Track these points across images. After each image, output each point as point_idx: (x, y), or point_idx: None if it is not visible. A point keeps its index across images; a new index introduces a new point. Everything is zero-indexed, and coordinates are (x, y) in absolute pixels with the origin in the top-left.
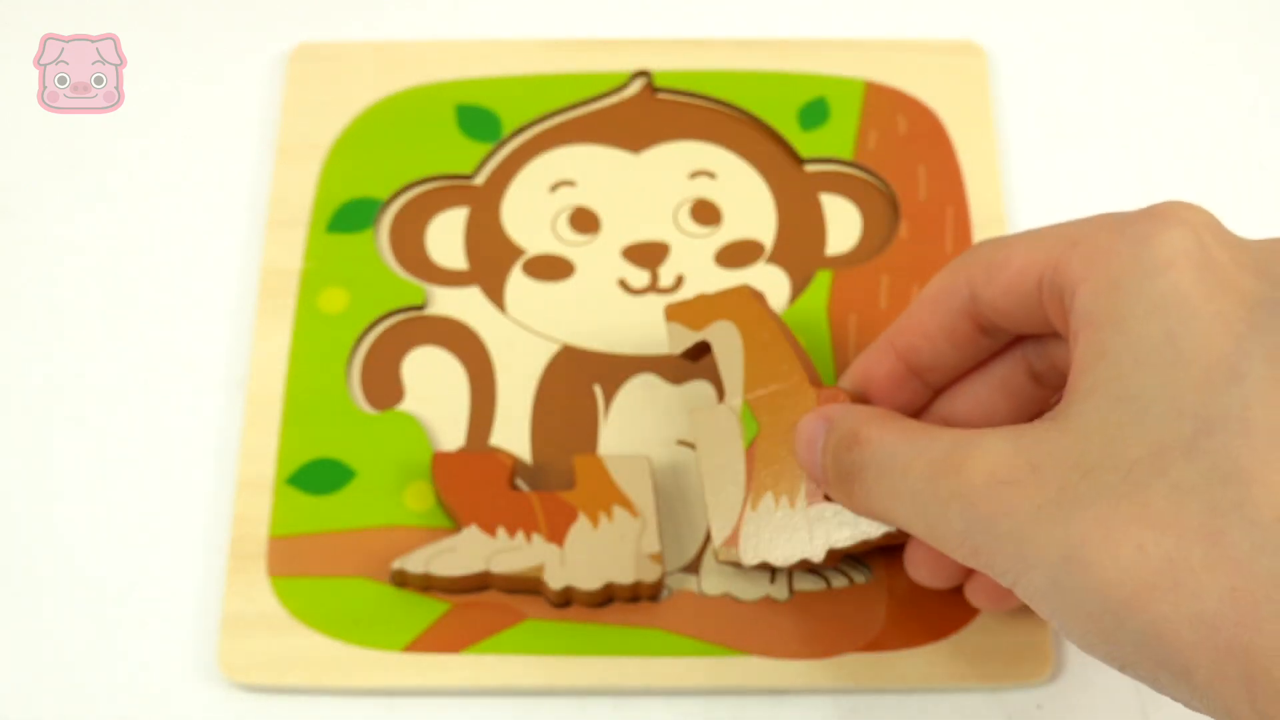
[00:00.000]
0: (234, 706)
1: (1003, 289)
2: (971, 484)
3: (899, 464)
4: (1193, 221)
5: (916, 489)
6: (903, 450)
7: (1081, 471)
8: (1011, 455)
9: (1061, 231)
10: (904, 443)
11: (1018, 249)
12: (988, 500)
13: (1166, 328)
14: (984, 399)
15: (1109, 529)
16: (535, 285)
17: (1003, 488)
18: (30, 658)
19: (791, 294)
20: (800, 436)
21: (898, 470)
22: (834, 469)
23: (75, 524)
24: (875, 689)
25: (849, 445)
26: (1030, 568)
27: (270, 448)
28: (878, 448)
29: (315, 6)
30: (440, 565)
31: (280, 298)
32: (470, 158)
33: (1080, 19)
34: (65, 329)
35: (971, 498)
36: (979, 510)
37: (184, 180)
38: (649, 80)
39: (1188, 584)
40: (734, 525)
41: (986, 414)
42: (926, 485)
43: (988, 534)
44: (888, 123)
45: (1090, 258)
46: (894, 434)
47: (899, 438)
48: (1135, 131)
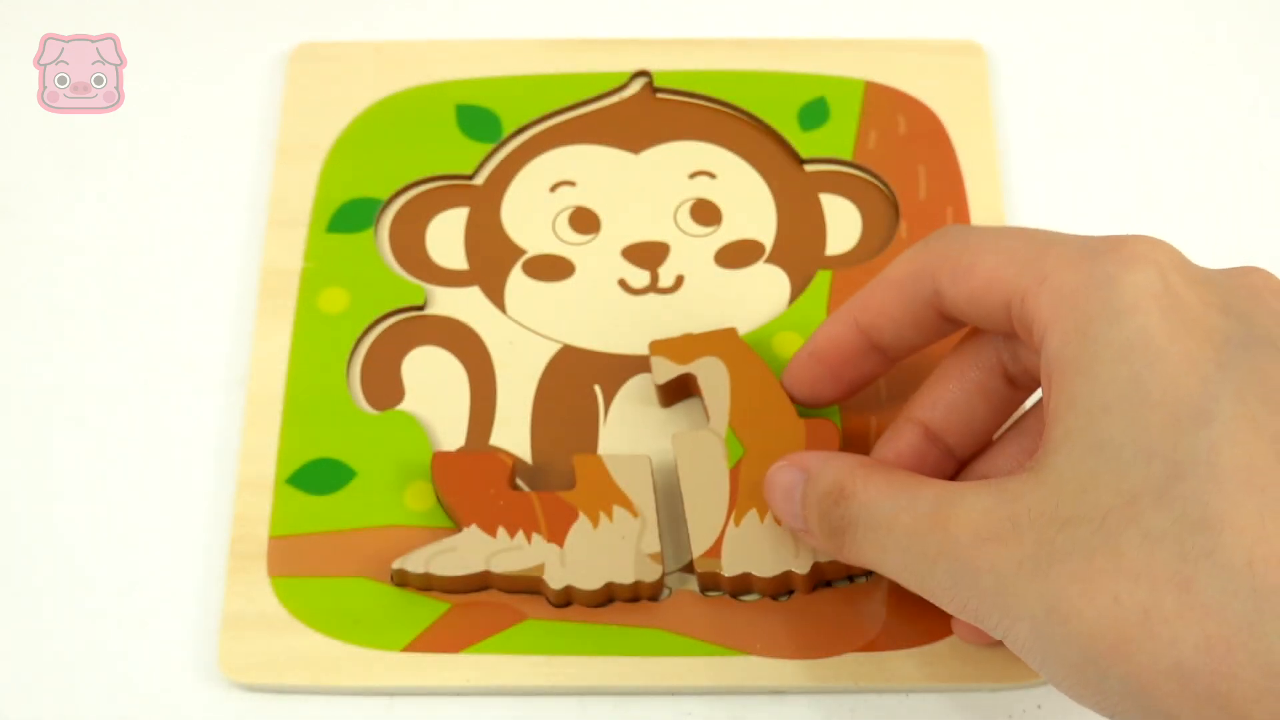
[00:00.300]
0: (234, 706)
1: (968, 296)
2: (957, 540)
3: (886, 519)
4: (1159, 260)
5: (904, 544)
6: (889, 505)
7: (1058, 524)
8: (993, 510)
9: (1028, 255)
10: (890, 497)
11: (984, 257)
12: (972, 556)
13: (1134, 372)
14: (963, 407)
15: (1086, 582)
16: (535, 285)
17: (986, 544)
18: (30, 657)
19: (791, 294)
20: (774, 485)
21: (885, 526)
22: (821, 523)
23: (75, 524)
24: (875, 689)
25: (835, 500)
26: (1016, 621)
27: (270, 448)
28: (865, 503)
29: (315, 6)
30: (440, 565)
31: (280, 298)
32: (470, 158)
33: (1080, 19)
34: (65, 329)
35: (957, 554)
36: (964, 567)
37: (184, 180)
38: (649, 80)
39: (1163, 633)
40: (715, 539)
41: (965, 420)
42: (914, 541)
43: (974, 589)
44: (888, 123)
45: (1057, 300)
46: (879, 488)
47: (885, 493)
48: (1135, 131)
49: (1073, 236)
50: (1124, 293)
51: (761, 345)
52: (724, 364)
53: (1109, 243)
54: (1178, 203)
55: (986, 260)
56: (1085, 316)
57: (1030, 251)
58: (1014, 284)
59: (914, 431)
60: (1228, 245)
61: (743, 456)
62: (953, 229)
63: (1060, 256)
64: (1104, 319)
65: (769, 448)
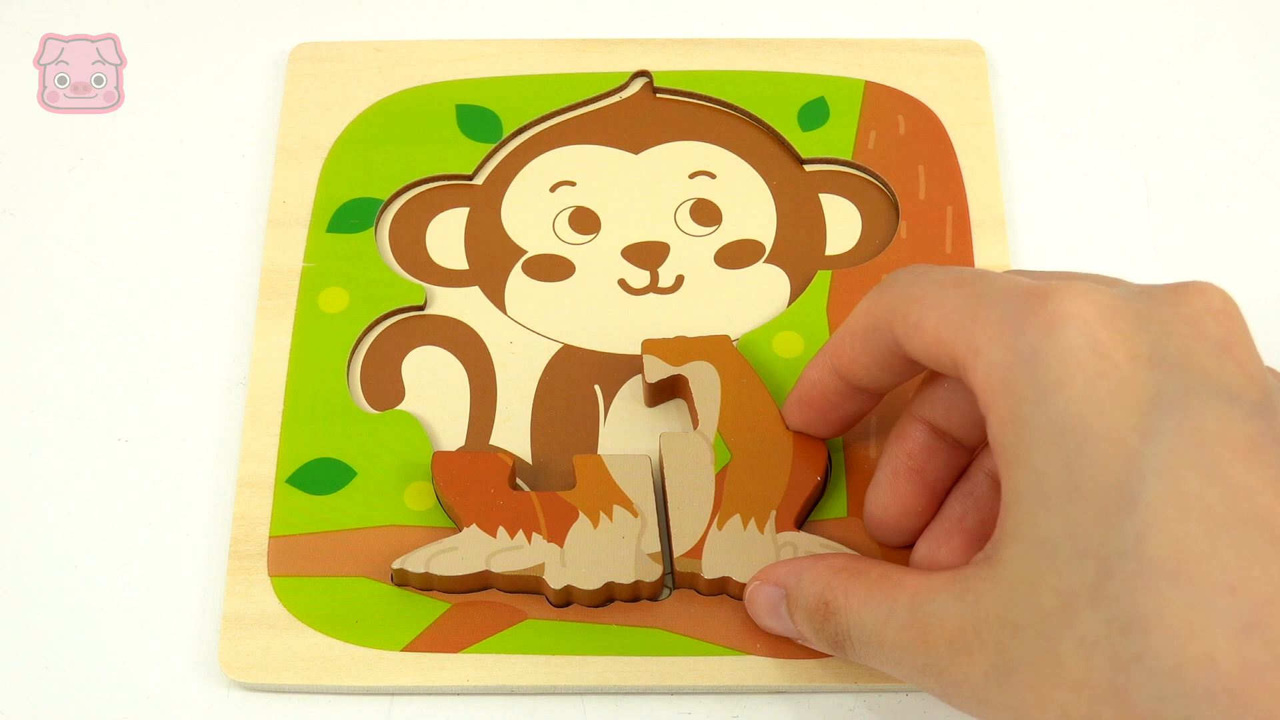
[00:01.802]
0: (234, 706)
1: (920, 351)
2: (937, 654)
3: (874, 634)
4: (1083, 317)
5: (895, 657)
6: (872, 618)
7: (1011, 628)
8: (960, 617)
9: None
10: (871, 609)
11: (927, 314)
12: (951, 669)
13: (1064, 458)
14: (959, 402)
15: (1038, 693)
16: (535, 285)
17: (959, 655)
18: (30, 657)
19: (791, 294)
20: (757, 603)
21: (874, 641)
22: (817, 636)
23: (75, 523)
24: (875, 689)
25: (824, 616)
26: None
27: (270, 448)
28: (851, 617)
29: (315, 6)
30: (440, 565)
31: (280, 298)
32: (470, 158)
33: (1080, 19)
34: (65, 329)
35: (939, 668)
36: (947, 679)
37: (184, 180)
38: (649, 80)
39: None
40: (697, 540)
41: (964, 414)
42: (903, 655)
43: (958, 698)
44: (887, 122)
45: (989, 380)
46: (861, 599)
47: (867, 603)
48: (1135, 131)
49: (1004, 286)
50: (1049, 367)
51: (761, 345)
52: (716, 369)
53: (1035, 298)
54: (1177, 202)
55: (929, 318)
56: (1016, 398)
57: (963, 316)
58: (952, 351)
59: (921, 429)
60: (1226, 245)
61: (729, 462)
62: (902, 276)
63: (988, 323)
64: (1032, 400)
65: (756, 455)
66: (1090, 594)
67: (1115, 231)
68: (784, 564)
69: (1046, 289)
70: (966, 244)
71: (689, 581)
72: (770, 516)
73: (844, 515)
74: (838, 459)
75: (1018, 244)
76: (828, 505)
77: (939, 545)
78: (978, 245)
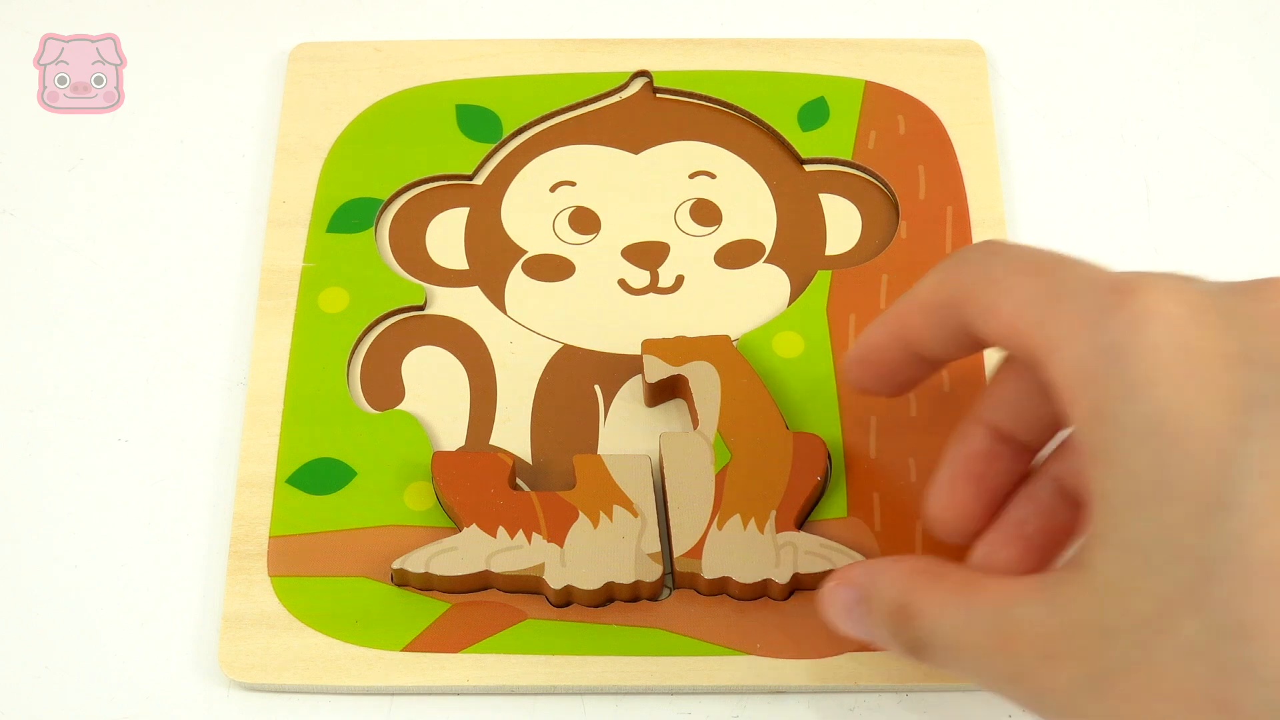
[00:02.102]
0: (234, 706)
1: (995, 337)
2: (1023, 662)
3: (955, 640)
4: (1170, 314)
5: (977, 664)
6: (954, 623)
7: (1104, 635)
8: (1047, 622)
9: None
10: (951, 614)
11: (1003, 301)
12: (1037, 677)
13: (1155, 458)
14: (1027, 405)
15: (1135, 703)
16: (535, 285)
17: (1047, 663)
18: (30, 657)
19: (791, 294)
20: (831, 605)
21: (955, 646)
22: (894, 640)
23: (75, 523)
24: (875, 689)
25: (904, 620)
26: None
27: (270, 447)
28: (931, 622)
29: (315, 6)
30: (440, 565)
31: (280, 298)
32: (470, 158)
33: (1080, 19)
34: (65, 329)
35: (1024, 676)
36: (1034, 688)
37: (184, 180)
38: (649, 80)
39: None
40: (697, 540)
41: (1033, 415)
42: (985, 662)
43: (1046, 708)
44: (887, 122)
45: (1070, 375)
46: (940, 604)
47: (945, 609)
48: (1135, 131)
49: (1084, 277)
50: (1136, 363)
51: (761, 345)
52: (716, 369)
53: (1118, 292)
54: (1177, 202)
55: (1004, 304)
56: (1101, 395)
57: (1040, 307)
58: (1029, 343)
59: (983, 434)
60: (1226, 245)
61: (729, 462)
62: (975, 254)
63: (1068, 316)
64: (1119, 397)
65: (756, 455)
66: (1189, 599)
67: (1115, 231)
68: (860, 565)
69: (1130, 283)
70: (967, 244)
71: (689, 581)
72: (770, 516)
73: (844, 515)
74: (838, 459)
75: None
76: (828, 505)
77: (997, 549)
78: None
